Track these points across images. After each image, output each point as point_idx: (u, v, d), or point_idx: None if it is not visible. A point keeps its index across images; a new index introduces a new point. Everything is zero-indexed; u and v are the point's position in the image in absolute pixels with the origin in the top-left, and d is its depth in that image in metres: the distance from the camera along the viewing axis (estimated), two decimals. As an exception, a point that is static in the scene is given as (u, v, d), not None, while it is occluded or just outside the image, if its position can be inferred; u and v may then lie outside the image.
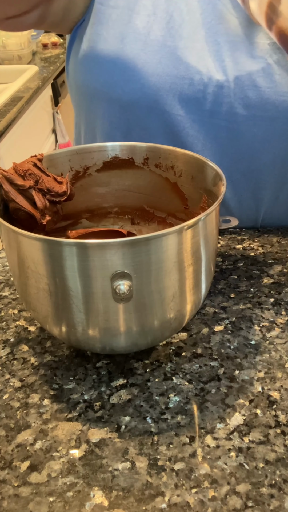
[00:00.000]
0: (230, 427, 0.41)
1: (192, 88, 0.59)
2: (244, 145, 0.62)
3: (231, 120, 0.61)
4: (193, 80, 0.59)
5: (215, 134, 0.62)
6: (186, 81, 0.59)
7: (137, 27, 0.60)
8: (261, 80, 0.58)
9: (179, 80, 0.59)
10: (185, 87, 0.59)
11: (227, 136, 0.62)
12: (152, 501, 0.36)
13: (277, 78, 0.58)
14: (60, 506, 0.36)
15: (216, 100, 0.60)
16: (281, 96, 0.59)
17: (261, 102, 0.59)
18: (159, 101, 0.60)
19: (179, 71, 0.59)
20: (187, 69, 0.59)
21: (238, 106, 0.60)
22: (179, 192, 0.54)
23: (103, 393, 0.45)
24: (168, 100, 0.60)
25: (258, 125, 0.61)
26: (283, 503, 0.36)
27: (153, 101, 0.60)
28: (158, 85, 0.60)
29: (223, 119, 0.61)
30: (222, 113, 0.60)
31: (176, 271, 0.40)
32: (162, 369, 0.47)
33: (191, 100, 0.60)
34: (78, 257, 0.38)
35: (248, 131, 0.61)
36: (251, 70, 0.59)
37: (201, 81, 0.59)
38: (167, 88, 0.60)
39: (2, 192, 0.46)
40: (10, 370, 0.48)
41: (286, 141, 0.62)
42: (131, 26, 0.60)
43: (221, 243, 0.66)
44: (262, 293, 0.56)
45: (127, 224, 0.59)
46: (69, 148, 0.54)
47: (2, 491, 0.37)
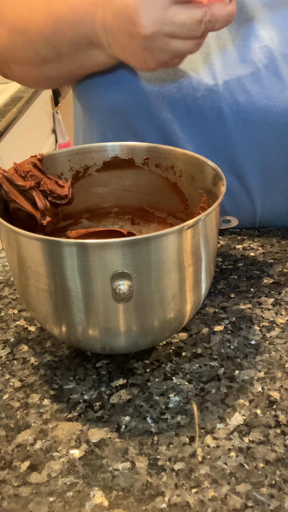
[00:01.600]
0: (230, 427, 0.41)
1: (181, 92, 0.60)
2: (235, 148, 0.62)
3: (221, 124, 0.61)
4: (182, 84, 0.59)
5: (206, 138, 0.62)
6: (175, 85, 0.59)
7: None
8: (251, 85, 0.58)
9: (167, 84, 0.59)
10: (174, 91, 0.60)
11: (218, 140, 0.62)
12: (152, 501, 0.36)
13: (267, 83, 0.58)
14: (60, 506, 0.36)
15: (205, 104, 0.60)
16: (270, 100, 0.58)
17: (251, 106, 0.59)
18: (149, 105, 0.61)
19: (167, 75, 0.59)
20: (175, 73, 0.59)
21: (228, 110, 0.60)
22: (179, 192, 0.54)
23: (103, 393, 0.45)
24: (158, 104, 0.60)
25: (249, 129, 0.61)
26: (283, 503, 0.36)
27: (143, 105, 0.61)
28: (147, 89, 0.60)
29: (213, 123, 0.61)
30: (212, 117, 0.60)
31: (176, 271, 0.40)
32: (162, 369, 0.47)
33: (180, 104, 0.60)
34: (78, 257, 0.38)
35: (239, 135, 0.61)
36: (240, 74, 0.58)
37: (190, 85, 0.59)
38: (156, 92, 0.60)
39: (3, 192, 0.46)
40: (10, 370, 0.48)
41: (277, 144, 0.62)
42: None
43: (221, 243, 0.66)
44: (262, 293, 0.56)
45: (127, 224, 0.59)
46: (69, 148, 0.54)
47: (2, 491, 0.37)
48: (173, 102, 0.60)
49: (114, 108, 0.62)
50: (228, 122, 0.60)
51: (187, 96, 0.60)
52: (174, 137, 0.62)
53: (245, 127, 0.60)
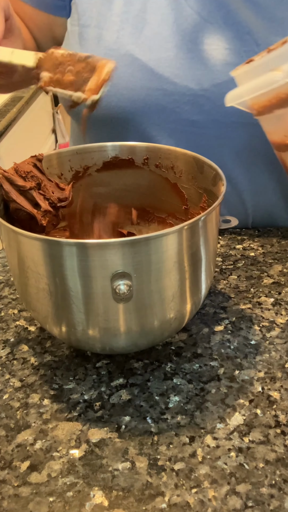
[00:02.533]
0: (230, 427, 0.41)
1: (167, 99, 0.60)
2: (224, 151, 0.62)
3: (211, 127, 0.61)
4: (167, 91, 0.59)
5: (195, 142, 0.62)
6: (160, 92, 0.59)
7: (108, 43, 0.60)
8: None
9: (153, 92, 0.60)
10: (160, 98, 0.60)
11: (207, 144, 0.62)
12: (152, 501, 0.36)
13: None
14: (60, 506, 0.36)
15: (193, 109, 0.60)
16: None
17: (238, 109, 0.59)
18: (136, 113, 0.61)
19: (152, 83, 0.59)
20: (160, 80, 0.59)
21: (217, 114, 0.60)
22: (179, 192, 0.54)
23: (103, 393, 0.45)
24: (145, 112, 0.60)
25: (237, 131, 0.61)
26: (283, 503, 0.36)
27: (130, 113, 0.61)
28: (133, 98, 0.60)
29: (202, 127, 0.61)
30: (201, 121, 0.61)
31: (176, 271, 0.40)
32: (162, 369, 0.47)
33: (167, 111, 0.60)
34: (78, 257, 0.38)
35: (229, 138, 0.61)
36: (227, 78, 0.58)
37: (175, 92, 0.59)
38: (142, 100, 0.60)
39: (3, 192, 0.46)
40: (10, 370, 0.48)
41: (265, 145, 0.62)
42: (102, 43, 0.61)
43: (221, 243, 0.66)
44: (262, 293, 0.56)
45: (127, 224, 0.59)
46: (69, 148, 0.54)
47: (2, 491, 0.37)
48: (160, 110, 0.60)
49: (100, 119, 0.62)
50: (217, 125, 0.61)
51: (174, 103, 0.60)
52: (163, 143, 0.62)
53: (233, 129, 0.61)
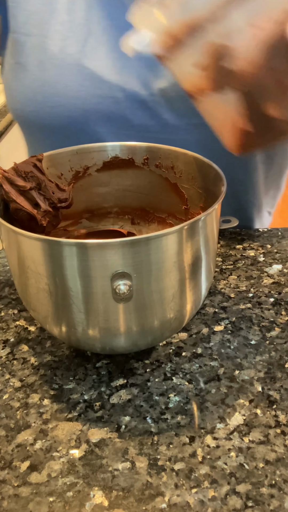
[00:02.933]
0: (230, 427, 0.41)
1: (118, 106, 0.60)
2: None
3: (164, 131, 0.61)
4: (117, 98, 0.59)
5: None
6: (111, 100, 0.59)
7: (53, 52, 0.60)
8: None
9: (103, 100, 0.59)
10: (111, 105, 0.60)
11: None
12: (152, 501, 0.36)
13: None
14: (60, 506, 0.36)
15: (145, 114, 0.60)
16: None
17: (189, 111, 0.59)
18: (88, 122, 0.60)
19: (102, 91, 0.59)
20: (109, 87, 0.59)
21: (169, 117, 0.60)
22: (179, 192, 0.54)
23: (103, 393, 0.45)
24: (97, 120, 0.60)
25: (192, 133, 0.61)
26: (283, 503, 0.36)
27: (83, 123, 0.61)
28: (84, 107, 0.60)
29: (157, 132, 0.61)
30: (154, 126, 0.61)
31: (176, 271, 0.40)
32: (162, 369, 0.47)
33: (120, 118, 0.60)
34: (78, 257, 0.38)
35: (184, 140, 0.61)
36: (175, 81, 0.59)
37: (125, 98, 0.59)
38: (93, 109, 0.60)
39: (3, 193, 0.46)
40: (10, 370, 0.48)
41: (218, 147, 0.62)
42: (47, 52, 0.60)
43: (221, 243, 0.66)
44: (262, 293, 0.56)
45: (127, 224, 0.59)
46: (69, 148, 0.54)
47: (2, 491, 0.37)
48: (112, 117, 0.60)
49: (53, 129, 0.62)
50: (170, 129, 0.61)
51: (126, 109, 0.60)
52: None
53: (188, 131, 0.61)
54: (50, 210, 0.49)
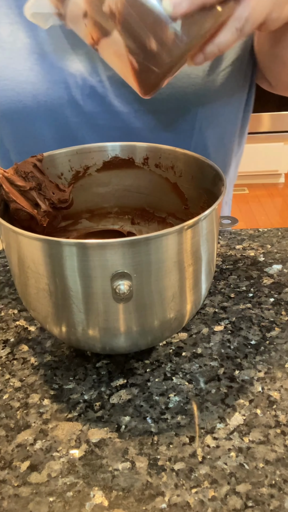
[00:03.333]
0: (230, 427, 0.41)
1: (68, 92, 0.60)
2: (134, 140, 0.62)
3: (115, 118, 0.61)
4: (68, 83, 0.59)
5: (103, 134, 0.62)
6: (62, 85, 0.59)
7: (1, 36, 0.59)
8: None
9: (54, 85, 0.59)
10: (62, 91, 0.60)
11: (115, 135, 0.62)
12: (152, 501, 0.36)
13: None
14: (60, 506, 0.36)
15: (95, 101, 0.60)
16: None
17: (138, 97, 0.59)
18: (39, 108, 0.60)
19: (52, 76, 0.59)
20: (60, 73, 0.59)
21: (118, 104, 0.60)
22: (179, 192, 0.54)
23: (103, 393, 0.45)
24: (49, 105, 0.60)
25: (141, 119, 0.61)
26: (283, 503, 0.36)
27: (33, 108, 0.61)
28: (34, 92, 0.60)
29: (107, 119, 0.61)
30: (104, 113, 0.61)
31: (176, 271, 0.40)
32: (162, 369, 0.47)
33: (71, 104, 0.60)
34: (78, 257, 0.38)
35: (134, 127, 0.62)
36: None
37: (76, 84, 0.59)
38: (44, 94, 0.60)
39: (3, 193, 0.46)
40: (10, 370, 0.48)
41: (172, 132, 0.63)
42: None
43: (221, 243, 0.66)
44: (262, 293, 0.56)
45: (127, 224, 0.59)
46: (69, 148, 0.54)
47: (2, 491, 0.37)
48: (63, 103, 0.60)
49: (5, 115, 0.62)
50: (121, 116, 0.61)
51: (76, 96, 0.60)
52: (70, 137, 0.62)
53: (137, 118, 0.61)
54: (50, 211, 0.49)
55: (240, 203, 2.69)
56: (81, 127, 0.62)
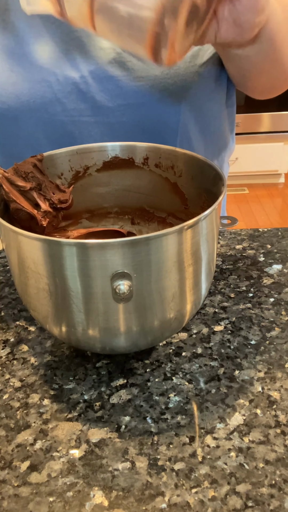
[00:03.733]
0: (230, 427, 0.41)
1: (51, 90, 0.60)
2: (119, 136, 0.62)
3: (99, 114, 0.61)
4: (50, 82, 0.59)
5: (89, 131, 0.62)
6: (44, 84, 0.60)
7: None
8: (115, 70, 0.59)
9: (36, 84, 0.60)
10: (44, 89, 0.60)
11: (101, 131, 0.62)
12: (152, 501, 0.36)
13: (129, 65, 0.59)
14: (60, 506, 0.36)
15: (78, 97, 0.60)
16: (137, 82, 0.59)
17: (121, 91, 0.60)
18: (23, 108, 0.61)
19: (33, 75, 0.59)
20: (41, 72, 0.59)
21: (101, 99, 0.60)
22: (179, 192, 0.54)
23: (103, 393, 0.45)
24: (32, 105, 0.60)
25: (126, 114, 0.61)
26: (283, 503, 0.36)
27: (17, 108, 0.61)
28: (16, 92, 0.60)
29: (91, 115, 0.61)
30: (88, 109, 0.61)
31: (176, 271, 0.40)
32: (162, 369, 0.47)
33: (54, 102, 0.60)
34: (78, 257, 0.38)
35: (119, 122, 0.62)
36: (102, 62, 0.59)
37: (57, 82, 0.60)
38: (26, 94, 0.60)
39: (3, 193, 0.46)
40: (10, 370, 0.48)
41: (158, 124, 0.63)
42: None
43: (221, 243, 0.66)
44: (262, 293, 0.56)
45: (127, 224, 0.59)
46: (69, 148, 0.54)
47: (2, 491, 0.37)
48: (47, 102, 0.60)
49: None
50: (105, 111, 0.61)
51: (58, 93, 0.60)
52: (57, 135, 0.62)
53: (122, 112, 0.61)
54: (50, 211, 0.49)
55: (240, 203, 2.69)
56: (66, 125, 0.62)
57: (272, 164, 2.75)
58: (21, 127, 0.62)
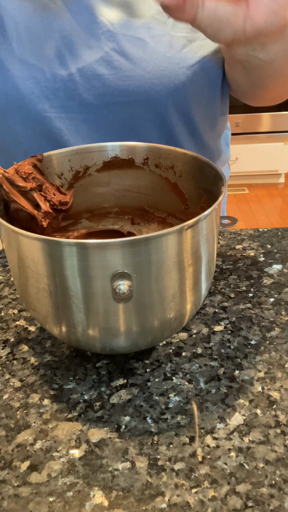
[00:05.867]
0: (230, 427, 0.41)
1: (38, 87, 0.60)
2: (106, 134, 0.63)
3: (86, 111, 0.62)
4: (37, 79, 0.60)
5: (76, 128, 0.63)
6: (31, 81, 0.60)
7: None
8: (102, 69, 0.60)
9: (23, 81, 0.60)
10: (32, 86, 0.60)
11: (88, 128, 0.63)
12: (152, 501, 0.36)
13: (116, 64, 0.60)
14: (60, 506, 0.36)
15: (66, 95, 0.61)
16: (124, 81, 0.60)
17: (108, 89, 0.60)
18: (11, 105, 0.61)
19: (22, 72, 0.60)
20: (29, 69, 0.60)
21: (88, 97, 0.61)
22: (179, 192, 0.54)
23: (103, 393, 0.45)
24: (20, 102, 0.61)
25: (112, 112, 0.62)
26: (283, 503, 0.36)
27: (6, 105, 0.61)
28: (4, 89, 0.60)
29: (78, 112, 0.62)
30: (75, 106, 0.61)
31: (176, 271, 0.40)
32: (162, 369, 0.47)
33: (42, 99, 0.61)
34: (78, 257, 0.38)
35: (106, 120, 0.62)
36: (90, 60, 0.60)
37: (45, 79, 0.60)
38: (14, 91, 0.60)
39: (3, 193, 0.46)
40: (10, 370, 0.48)
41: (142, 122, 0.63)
42: None
43: (221, 243, 0.66)
44: (262, 293, 0.56)
45: (127, 224, 0.59)
46: (69, 148, 0.54)
47: (2, 491, 0.37)
48: (35, 99, 0.61)
49: None
50: (92, 109, 0.62)
51: (46, 90, 0.60)
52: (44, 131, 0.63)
53: (109, 110, 0.62)
54: (50, 212, 0.49)
55: (240, 203, 2.69)
56: (54, 122, 0.63)
57: (272, 164, 2.75)
58: (10, 123, 0.63)
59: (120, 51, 0.60)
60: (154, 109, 0.63)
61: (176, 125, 0.65)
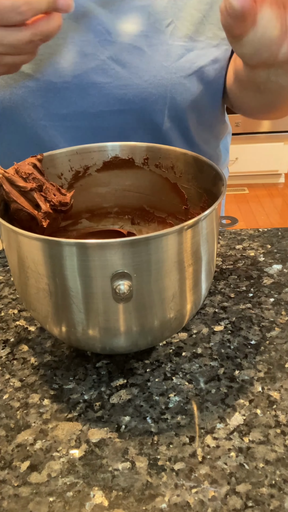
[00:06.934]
0: (230, 427, 0.41)
1: (34, 94, 0.60)
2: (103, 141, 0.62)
3: (81, 119, 0.61)
4: (30, 87, 0.60)
5: (71, 136, 0.62)
6: (25, 89, 0.60)
7: None
8: (98, 77, 0.59)
9: (17, 90, 0.60)
10: (27, 94, 0.60)
11: (82, 136, 0.62)
12: (152, 501, 0.36)
13: (112, 72, 0.59)
14: (60, 506, 0.36)
15: (61, 102, 0.60)
16: (120, 89, 0.60)
17: (104, 97, 0.60)
18: (5, 113, 0.61)
19: (15, 81, 0.59)
20: (21, 76, 0.59)
21: (84, 105, 0.60)
22: (179, 192, 0.54)
23: (103, 393, 0.45)
24: (13, 110, 0.60)
25: (107, 120, 0.61)
26: (283, 503, 0.36)
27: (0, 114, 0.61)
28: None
29: (74, 120, 0.62)
30: (70, 114, 0.61)
31: (176, 271, 0.40)
32: (162, 369, 0.47)
33: (37, 107, 0.61)
34: (78, 257, 0.38)
35: (101, 128, 0.62)
36: (86, 68, 0.59)
37: (39, 87, 0.60)
38: (8, 99, 0.60)
39: (3, 193, 0.46)
40: (10, 370, 0.48)
41: (138, 130, 0.63)
42: None
43: (221, 243, 0.66)
44: (262, 293, 0.56)
45: (127, 224, 0.59)
46: (69, 148, 0.54)
47: (2, 491, 0.37)
48: (29, 107, 0.60)
49: None
50: (87, 116, 0.61)
51: (40, 98, 0.60)
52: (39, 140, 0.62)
53: (104, 119, 0.61)
54: (50, 212, 0.49)
55: (240, 203, 2.69)
56: (49, 130, 0.62)
57: (272, 164, 2.75)
58: (3, 131, 0.63)
59: (116, 60, 0.59)
60: (150, 118, 0.62)
61: (172, 134, 0.65)
